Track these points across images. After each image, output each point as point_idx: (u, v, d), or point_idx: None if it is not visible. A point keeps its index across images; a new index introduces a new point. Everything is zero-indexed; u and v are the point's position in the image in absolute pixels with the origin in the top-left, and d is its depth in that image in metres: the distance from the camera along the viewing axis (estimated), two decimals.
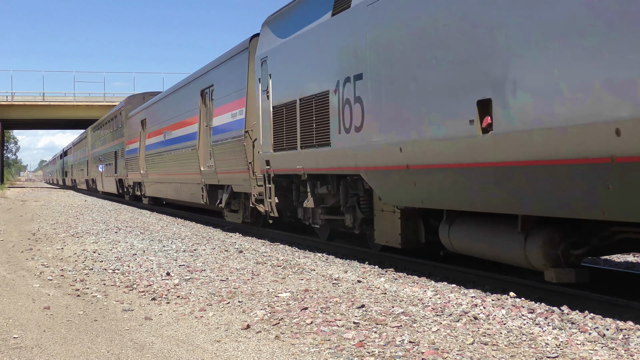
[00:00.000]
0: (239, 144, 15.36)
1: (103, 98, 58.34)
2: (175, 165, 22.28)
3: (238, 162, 15.50)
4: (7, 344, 6.01)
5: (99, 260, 11.26)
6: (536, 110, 6.56)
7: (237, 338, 6.07)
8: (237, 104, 15.69)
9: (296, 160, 12.05)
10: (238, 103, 15.61)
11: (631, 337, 5.74)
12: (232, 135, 15.94)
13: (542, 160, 6.55)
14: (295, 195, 13.03)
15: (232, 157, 15.94)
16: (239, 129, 15.45)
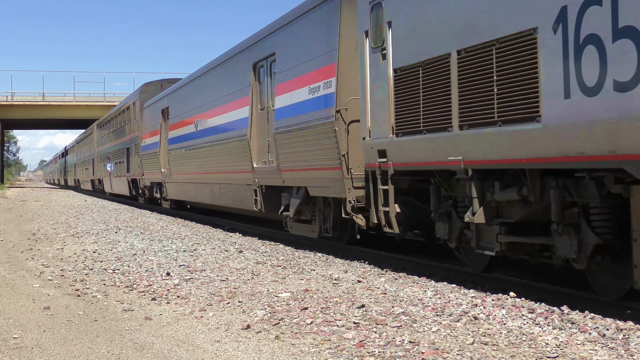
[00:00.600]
0: (324, 129, 11.23)
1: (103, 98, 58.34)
2: (213, 161, 18.03)
3: (321, 155, 11.50)
4: (7, 344, 6.01)
5: (99, 260, 11.26)
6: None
7: (237, 338, 6.07)
8: (319, 74, 11.59)
9: (448, 148, 8.10)
10: (322, 72, 11.51)
11: (631, 337, 5.74)
12: (310, 118, 11.84)
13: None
14: (435, 202, 9.00)
15: (308, 148, 11.95)
16: (324, 107, 11.27)
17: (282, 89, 13.15)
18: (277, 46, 13.55)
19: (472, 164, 7.84)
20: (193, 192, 21.15)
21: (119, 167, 34.52)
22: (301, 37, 12.51)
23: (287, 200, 13.51)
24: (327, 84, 11.24)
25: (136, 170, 29.32)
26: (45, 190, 61.11)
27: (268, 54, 14.08)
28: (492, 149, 7.45)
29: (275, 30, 13.83)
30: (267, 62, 14.25)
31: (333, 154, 11.01)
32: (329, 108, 11.05)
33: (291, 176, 12.88)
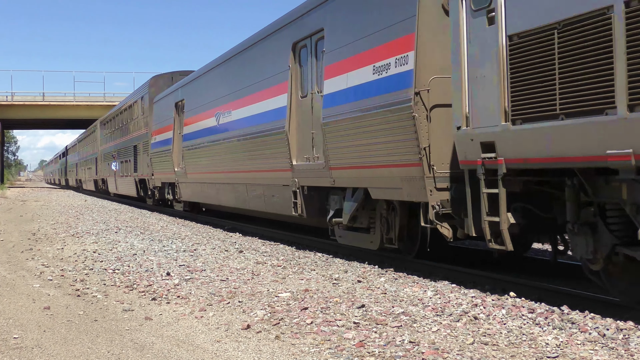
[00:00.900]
0: (398, 116, 9.06)
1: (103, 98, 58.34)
2: (239, 159, 15.69)
3: (390, 149, 9.39)
4: (8, 344, 6.01)
5: (99, 260, 11.26)
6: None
7: (237, 338, 6.08)
8: (389, 49, 9.45)
9: (606, 138, 6.07)
10: (393, 46, 9.35)
11: (631, 337, 5.74)
12: (374, 104, 9.64)
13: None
14: (572, 211, 6.97)
15: (372, 141, 9.80)
16: (396, 90, 9.16)
17: (333, 70, 10.94)
18: (326, 21, 11.32)
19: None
20: (212, 194, 18.53)
21: (125, 166, 32.10)
22: (361, 7, 10.31)
23: (338, 204, 11.36)
24: (400, 60, 9.10)
25: (145, 169, 26.99)
26: (45, 190, 61.11)
27: (313, 31, 11.84)
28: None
29: (323, 3, 11.55)
30: (311, 40, 12.03)
31: (409, 147, 8.89)
32: (405, 90, 8.87)
33: (345, 175, 10.72)
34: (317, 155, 11.75)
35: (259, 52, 14.61)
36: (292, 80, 12.68)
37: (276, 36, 13.66)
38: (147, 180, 26.85)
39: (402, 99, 8.92)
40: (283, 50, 13.10)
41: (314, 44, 11.96)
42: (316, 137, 11.76)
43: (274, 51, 13.65)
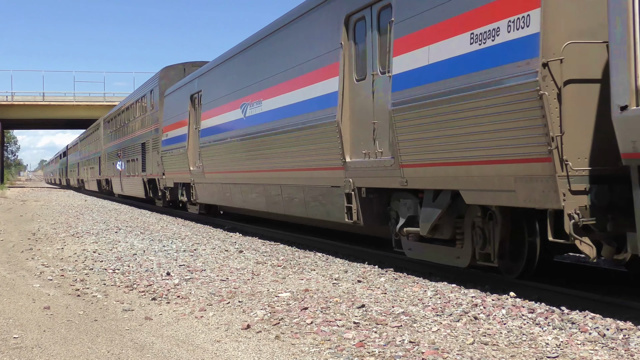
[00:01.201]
0: (515, 96, 7.04)
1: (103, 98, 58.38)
2: (272, 156, 13.59)
3: (499, 139, 7.36)
4: (7, 344, 6.01)
5: (99, 260, 11.26)
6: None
7: (237, 338, 6.08)
8: (497, 9, 7.39)
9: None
10: (503, 5, 7.32)
11: (631, 337, 5.74)
12: (474, 81, 7.60)
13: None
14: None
15: (466, 130, 7.79)
16: (511, 61, 7.11)
17: (407, 44, 8.96)
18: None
19: None
20: (236, 196, 16.26)
21: (132, 166, 29.88)
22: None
23: (411, 209, 9.44)
24: (517, 23, 7.05)
25: (154, 168, 24.81)
26: (45, 190, 61.11)
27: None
28: None
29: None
30: (371, 11, 10.05)
31: (532, 136, 6.91)
32: (526, 61, 6.87)
33: (423, 174, 8.79)
34: (381, 149, 9.71)
35: (298, 30, 12.49)
36: (345, 60, 10.64)
37: (321, 10, 11.52)
38: (157, 180, 24.63)
39: (522, 73, 6.89)
40: (332, 26, 10.98)
41: (375, 14, 9.94)
42: (380, 128, 9.70)
43: (320, 27, 11.50)
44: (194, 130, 19.37)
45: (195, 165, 19.40)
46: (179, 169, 20.89)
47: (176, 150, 20.97)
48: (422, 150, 8.67)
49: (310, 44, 11.82)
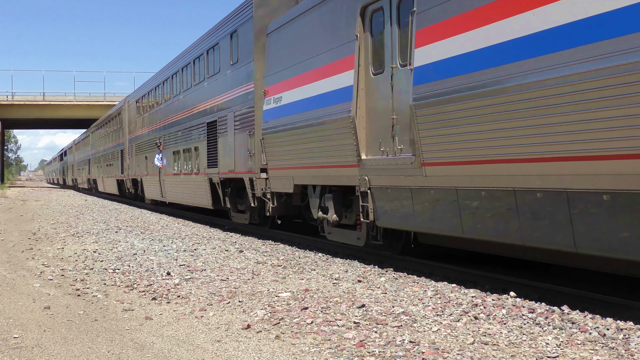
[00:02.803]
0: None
1: (103, 98, 58.43)
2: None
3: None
4: (8, 343, 6.01)
5: (99, 260, 11.27)
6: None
7: (238, 338, 6.08)
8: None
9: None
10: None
11: (631, 337, 5.74)
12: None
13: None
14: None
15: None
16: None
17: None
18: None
19: None
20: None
21: (185, 160, 20.99)
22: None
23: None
24: None
25: (238, 160, 15.84)
26: (45, 190, 61.13)
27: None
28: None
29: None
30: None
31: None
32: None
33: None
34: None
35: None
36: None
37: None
38: (250, 180, 15.01)
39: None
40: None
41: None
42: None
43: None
44: (378, 77, 10.07)
45: (384, 148, 9.88)
46: (324, 156, 11.54)
47: (313, 122, 11.79)
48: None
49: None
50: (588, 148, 6.22)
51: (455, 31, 7.99)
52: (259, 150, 14.30)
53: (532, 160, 6.89)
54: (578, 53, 6.24)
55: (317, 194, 12.15)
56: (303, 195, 13.16)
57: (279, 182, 13.51)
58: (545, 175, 6.76)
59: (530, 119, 6.82)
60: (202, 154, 18.88)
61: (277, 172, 13.53)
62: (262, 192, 14.34)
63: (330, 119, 10.96)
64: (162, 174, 24.32)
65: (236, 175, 15.99)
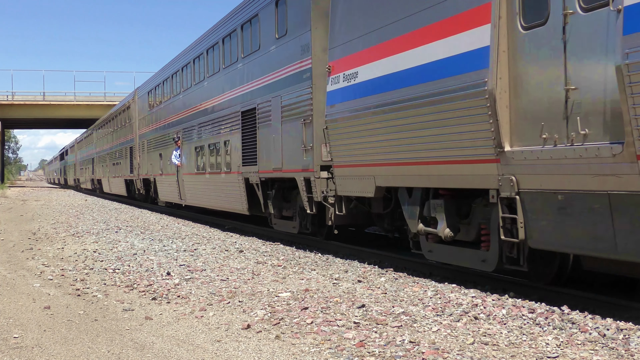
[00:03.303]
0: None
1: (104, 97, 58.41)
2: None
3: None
4: (8, 343, 6.01)
5: (99, 260, 11.27)
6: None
7: (238, 338, 6.08)
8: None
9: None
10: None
11: (631, 337, 5.74)
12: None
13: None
14: None
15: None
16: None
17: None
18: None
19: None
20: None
21: (213, 157, 17.68)
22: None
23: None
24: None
25: (293, 157, 12.58)
26: (45, 190, 61.13)
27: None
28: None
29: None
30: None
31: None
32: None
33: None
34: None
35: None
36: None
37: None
38: (306, 181, 12.09)
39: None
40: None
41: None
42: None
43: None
44: (535, 32, 7.18)
45: (548, 135, 6.97)
46: (431, 149, 8.65)
47: (413, 103, 8.85)
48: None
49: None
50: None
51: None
52: (319, 142, 11.52)
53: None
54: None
55: (416, 199, 9.19)
56: (385, 201, 10.31)
57: (352, 184, 10.46)
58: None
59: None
60: (235, 150, 15.77)
61: (348, 170, 10.51)
62: (323, 195, 11.43)
63: (446, 97, 8.09)
64: (180, 173, 21.18)
65: (284, 175, 13.02)
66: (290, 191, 13.49)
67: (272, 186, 14.15)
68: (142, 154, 28.02)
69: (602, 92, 6.28)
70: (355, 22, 10.27)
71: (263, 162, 14.07)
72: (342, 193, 10.88)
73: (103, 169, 41.41)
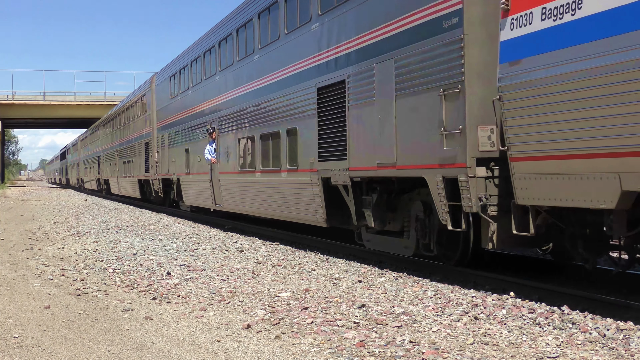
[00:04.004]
0: None
1: (104, 97, 58.39)
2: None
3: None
4: (8, 343, 6.01)
5: (99, 260, 11.27)
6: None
7: (238, 338, 6.08)
8: None
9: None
10: None
11: (632, 337, 5.74)
12: None
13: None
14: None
15: None
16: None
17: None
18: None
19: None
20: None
21: (269, 150, 14.06)
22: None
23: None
24: None
25: (418, 146, 8.96)
26: (46, 190, 61.13)
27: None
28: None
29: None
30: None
31: None
32: None
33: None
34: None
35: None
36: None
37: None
38: (444, 182, 8.46)
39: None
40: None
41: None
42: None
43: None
44: None
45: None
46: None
47: None
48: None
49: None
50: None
51: None
52: (474, 122, 7.92)
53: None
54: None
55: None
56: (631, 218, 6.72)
57: (556, 186, 6.92)
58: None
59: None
60: (306, 140, 12.17)
61: (550, 164, 6.98)
62: (482, 203, 7.87)
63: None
64: (215, 172, 17.51)
65: (399, 173, 9.46)
66: (398, 196, 10.11)
67: (370, 189, 10.53)
68: (162, 150, 24.12)
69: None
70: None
71: (357, 155, 10.37)
72: (532, 202, 7.19)
73: (111, 168, 37.33)
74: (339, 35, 10.97)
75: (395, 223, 10.21)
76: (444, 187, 8.40)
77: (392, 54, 9.42)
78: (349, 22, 10.68)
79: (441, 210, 8.48)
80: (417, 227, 9.53)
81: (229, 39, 16.69)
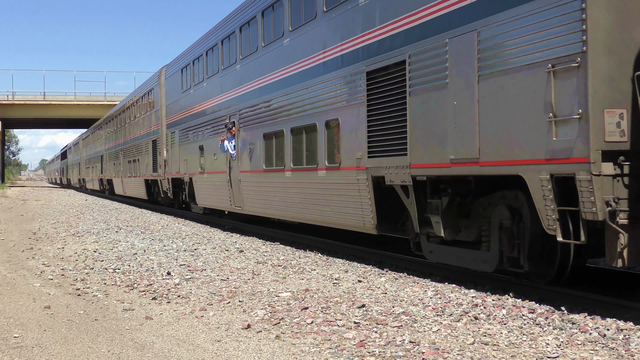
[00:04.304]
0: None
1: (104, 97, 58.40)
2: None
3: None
4: (8, 343, 6.01)
5: (99, 260, 11.27)
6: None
7: (238, 338, 6.08)
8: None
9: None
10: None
11: (632, 337, 5.74)
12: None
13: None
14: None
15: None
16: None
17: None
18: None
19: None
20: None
21: (302, 147, 12.68)
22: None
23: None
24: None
25: (523, 138, 7.12)
26: (46, 190, 61.13)
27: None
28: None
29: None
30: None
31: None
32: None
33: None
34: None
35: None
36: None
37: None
38: (566, 182, 6.84)
39: None
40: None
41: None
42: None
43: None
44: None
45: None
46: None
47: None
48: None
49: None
50: None
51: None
52: (599, 106, 6.39)
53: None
54: None
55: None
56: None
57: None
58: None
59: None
60: (351, 133, 10.66)
61: None
62: (610, 209, 6.28)
63: None
64: (235, 171, 16.06)
65: (483, 170, 7.83)
66: (474, 199, 8.60)
67: (436, 191, 8.96)
68: (172, 148, 22.33)
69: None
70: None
71: (422, 149, 8.84)
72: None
73: (115, 167, 35.14)
74: (397, 8, 9.34)
75: (468, 232, 8.50)
76: (551, 188, 6.75)
77: (474, 25, 7.73)
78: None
79: (547, 217, 6.85)
80: (500, 237, 7.88)
81: (252, 22, 14.99)
